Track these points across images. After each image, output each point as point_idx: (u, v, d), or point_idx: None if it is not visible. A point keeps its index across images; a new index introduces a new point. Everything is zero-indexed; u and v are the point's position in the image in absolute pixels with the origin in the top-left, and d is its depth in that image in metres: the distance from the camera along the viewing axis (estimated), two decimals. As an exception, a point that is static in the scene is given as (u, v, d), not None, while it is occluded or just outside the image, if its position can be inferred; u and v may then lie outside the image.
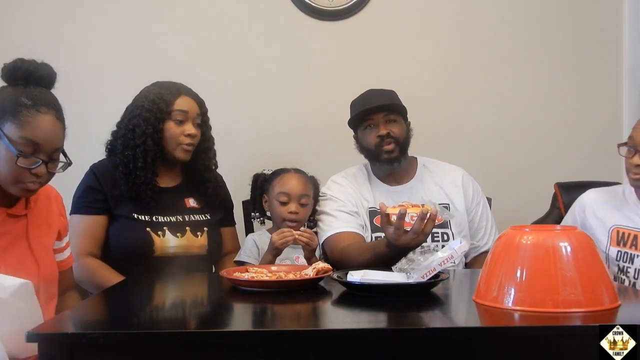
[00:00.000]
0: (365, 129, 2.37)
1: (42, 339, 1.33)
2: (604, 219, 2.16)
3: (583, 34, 3.09)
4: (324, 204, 2.40)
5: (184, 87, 2.31)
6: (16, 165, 1.61)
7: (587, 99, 3.03)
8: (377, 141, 2.33)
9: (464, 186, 2.43)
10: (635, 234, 2.09)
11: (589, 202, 2.22)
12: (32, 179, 1.64)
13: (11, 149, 1.60)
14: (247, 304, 1.72)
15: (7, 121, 1.62)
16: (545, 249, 1.50)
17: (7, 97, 1.65)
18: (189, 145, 2.26)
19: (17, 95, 1.64)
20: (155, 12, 2.97)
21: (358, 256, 2.14)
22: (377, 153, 2.35)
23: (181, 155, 2.26)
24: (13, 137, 1.61)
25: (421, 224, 1.91)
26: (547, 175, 2.84)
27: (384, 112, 2.33)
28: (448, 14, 3.06)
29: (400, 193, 2.39)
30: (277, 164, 2.55)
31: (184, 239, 2.23)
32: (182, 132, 2.24)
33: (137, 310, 1.66)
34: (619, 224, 2.13)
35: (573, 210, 2.27)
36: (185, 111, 2.25)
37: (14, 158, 1.61)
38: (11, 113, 1.62)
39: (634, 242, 2.08)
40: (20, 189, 1.65)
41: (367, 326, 1.50)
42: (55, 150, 1.68)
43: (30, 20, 2.92)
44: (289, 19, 2.99)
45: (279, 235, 2.11)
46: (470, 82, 3.07)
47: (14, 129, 1.61)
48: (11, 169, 1.62)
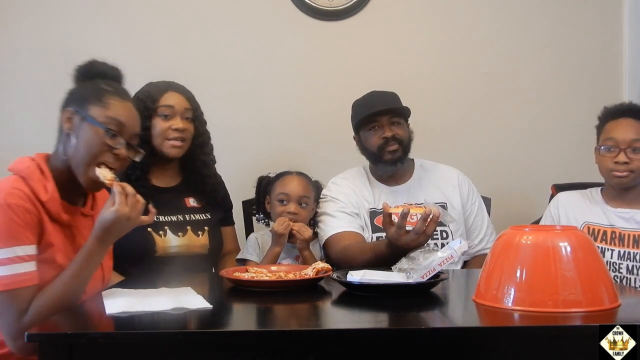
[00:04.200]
0: (370, 131, 2.38)
1: (42, 339, 1.34)
2: (577, 216, 2.31)
3: (583, 34, 3.09)
4: (324, 206, 2.41)
5: (173, 84, 2.30)
6: (101, 143, 1.65)
7: (587, 100, 3.03)
8: (381, 143, 2.36)
9: (459, 185, 2.47)
10: (604, 230, 2.26)
11: (563, 202, 2.37)
12: (111, 160, 1.66)
13: (99, 125, 1.64)
14: (247, 304, 1.72)
15: (91, 104, 1.67)
16: (545, 249, 1.50)
17: (88, 86, 1.72)
18: (177, 139, 2.23)
19: (98, 84, 1.72)
20: (156, 12, 2.97)
21: (359, 255, 2.16)
22: (380, 154, 2.37)
23: (170, 151, 2.24)
24: (99, 118, 1.66)
25: (423, 225, 1.92)
26: (546, 176, 2.84)
27: (389, 115, 2.36)
28: (448, 13, 3.06)
29: (400, 193, 2.41)
30: (277, 164, 2.55)
31: (185, 238, 2.23)
32: (169, 127, 2.22)
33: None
34: (589, 221, 2.29)
35: (549, 211, 2.39)
36: (171, 106, 2.23)
37: (100, 136, 1.65)
38: (95, 97, 1.68)
39: (603, 237, 2.24)
40: (90, 177, 1.65)
41: (367, 326, 1.50)
42: (135, 136, 1.74)
43: (30, 21, 2.92)
44: (289, 19, 2.99)
45: (279, 222, 2.26)
46: (469, 82, 3.07)
47: (99, 110, 1.67)
48: (94, 148, 1.65)
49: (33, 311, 1.55)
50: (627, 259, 2.20)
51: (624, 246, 2.21)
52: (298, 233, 2.26)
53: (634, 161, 2.19)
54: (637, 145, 2.19)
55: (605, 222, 2.26)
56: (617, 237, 2.22)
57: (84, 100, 1.68)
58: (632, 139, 2.19)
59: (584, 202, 2.33)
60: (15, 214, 1.54)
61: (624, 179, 2.21)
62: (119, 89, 1.74)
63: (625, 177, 2.21)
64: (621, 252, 2.21)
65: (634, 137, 2.19)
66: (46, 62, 2.91)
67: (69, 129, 1.68)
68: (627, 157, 2.19)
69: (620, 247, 2.21)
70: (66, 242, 1.69)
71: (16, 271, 1.54)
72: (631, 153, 2.19)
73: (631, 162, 2.19)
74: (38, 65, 2.92)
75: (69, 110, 1.69)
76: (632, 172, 2.20)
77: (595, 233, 2.25)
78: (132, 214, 1.58)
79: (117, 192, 1.58)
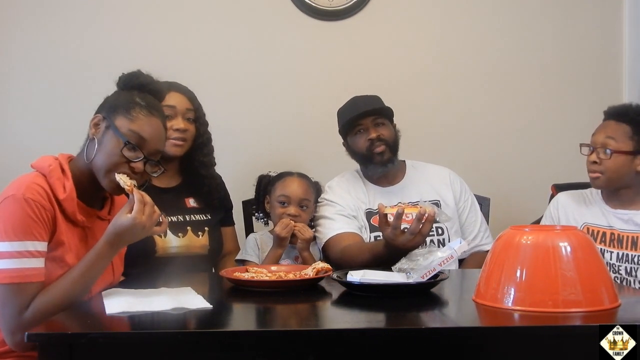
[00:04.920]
0: (356, 135, 2.42)
1: (42, 339, 1.34)
2: (576, 217, 2.30)
3: (583, 34, 3.08)
4: (322, 210, 2.43)
5: (174, 84, 2.30)
6: (119, 154, 1.66)
7: (587, 100, 3.03)
8: (368, 144, 2.39)
9: (451, 183, 2.50)
10: (603, 231, 2.24)
11: (562, 202, 2.36)
12: (128, 172, 1.68)
13: (120, 136, 1.67)
14: (247, 304, 1.72)
15: (119, 114, 1.70)
16: (545, 249, 1.50)
17: (122, 96, 1.75)
18: (178, 139, 2.25)
19: (132, 96, 1.74)
20: (155, 12, 2.96)
21: (357, 256, 2.17)
22: (369, 156, 2.40)
23: (171, 150, 2.25)
24: (122, 129, 1.68)
25: (418, 225, 1.92)
26: (546, 176, 2.84)
27: (372, 117, 2.40)
28: (447, 14, 3.06)
29: (393, 193, 2.44)
30: (277, 164, 2.55)
31: (186, 239, 2.24)
32: (170, 127, 2.22)
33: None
34: (588, 222, 2.28)
35: (549, 211, 2.39)
36: (172, 106, 2.24)
37: (120, 146, 1.66)
38: (125, 108, 1.70)
39: (602, 239, 2.23)
40: (111, 181, 1.67)
41: (367, 326, 1.50)
42: (157, 152, 1.74)
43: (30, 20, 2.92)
44: (289, 19, 2.99)
45: (281, 225, 2.24)
46: (469, 83, 3.07)
47: (125, 122, 1.69)
48: (113, 157, 1.67)
49: (34, 308, 1.55)
50: (626, 261, 2.19)
51: (622, 248, 2.20)
52: (299, 233, 2.27)
53: (603, 162, 2.18)
54: (609, 144, 2.17)
55: (604, 224, 2.25)
56: (615, 239, 2.22)
57: (114, 109, 1.71)
58: (603, 139, 2.19)
59: (583, 202, 2.32)
60: (31, 209, 1.56)
61: (597, 180, 2.22)
62: (151, 104, 1.74)
63: (597, 179, 2.22)
64: (620, 254, 2.20)
65: (606, 137, 2.19)
66: (45, 62, 2.91)
67: (94, 134, 1.71)
68: (597, 158, 2.19)
69: (619, 249, 2.21)
70: (79, 243, 1.70)
71: (24, 265, 1.55)
72: (602, 154, 2.18)
73: (600, 162, 2.19)
74: (37, 65, 2.91)
75: (98, 116, 1.72)
76: (603, 174, 2.19)
77: (594, 234, 2.25)
78: (147, 223, 1.60)
79: (136, 200, 1.59)
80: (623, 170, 2.18)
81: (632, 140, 2.17)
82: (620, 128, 2.19)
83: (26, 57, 2.92)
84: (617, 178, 2.20)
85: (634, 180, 2.21)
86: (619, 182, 2.21)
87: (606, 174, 2.19)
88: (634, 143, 2.17)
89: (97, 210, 1.77)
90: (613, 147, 2.17)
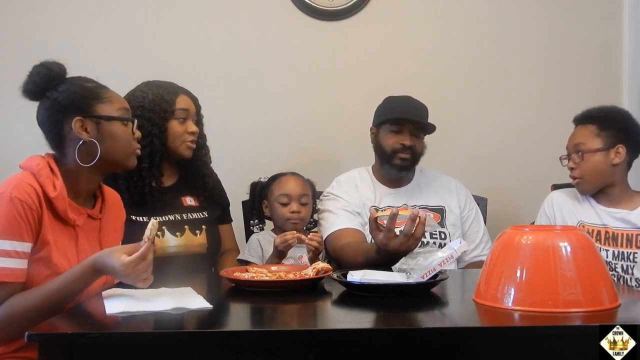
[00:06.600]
0: (391, 132, 2.43)
1: (42, 339, 1.34)
2: (572, 216, 2.33)
3: (583, 34, 3.08)
4: (327, 203, 2.44)
5: (178, 86, 2.32)
6: (129, 133, 1.73)
7: (586, 100, 3.02)
8: (398, 147, 2.41)
9: (457, 191, 2.54)
10: (598, 230, 2.27)
11: (557, 201, 2.38)
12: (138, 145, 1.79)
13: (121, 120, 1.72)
14: (247, 304, 1.72)
15: (94, 106, 1.71)
16: (545, 249, 1.50)
17: (72, 90, 1.71)
18: (193, 142, 2.29)
19: (80, 83, 1.73)
20: (155, 12, 2.97)
21: (354, 257, 2.19)
22: (392, 156, 2.42)
23: (186, 152, 2.28)
24: (113, 113, 1.71)
25: (412, 226, 1.92)
26: (546, 176, 2.84)
27: (415, 127, 2.42)
28: (447, 14, 3.06)
29: (399, 195, 2.47)
30: (276, 163, 2.56)
31: (183, 238, 2.23)
32: (185, 130, 2.26)
33: (137, 310, 1.66)
34: (583, 221, 2.30)
35: (544, 210, 2.40)
36: (186, 109, 2.27)
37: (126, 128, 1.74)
38: (93, 98, 1.71)
39: (597, 237, 2.25)
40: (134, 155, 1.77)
41: (367, 326, 1.50)
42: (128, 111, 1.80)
43: (29, 21, 2.92)
44: (289, 19, 2.99)
45: (281, 239, 2.12)
46: (469, 83, 3.07)
47: (107, 106, 1.72)
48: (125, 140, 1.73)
49: (7, 307, 1.54)
50: (622, 259, 2.21)
51: (617, 246, 2.22)
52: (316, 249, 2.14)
53: (579, 165, 2.24)
54: (581, 148, 2.24)
55: (598, 222, 2.27)
56: (610, 237, 2.23)
57: (84, 105, 1.69)
58: (574, 144, 2.27)
59: (577, 201, 2.34)
60: (16, 209, 1.56)
61: (579, 185, 2.28)
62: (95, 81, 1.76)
63: (579, 184, 2.27)
64: (615, 252, 2.22)
65: (576, 142, 2.26)
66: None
67: (87, 137, 1.69)
68: (574, 163, 2.25)
69: (614, 247, 2.23)
70: (68, 242, 1.69)
71: (3, 265, 1.54)
72: (577, 158, 2.25)
73: (577, 167, 2.25)
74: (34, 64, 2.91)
75: (77, 119, 1.68)
76: (582, 177, 2.24)
77: (590, 233, 2.26)
78: (132, 275, 1.54)
79: (138, 254, 1.54)
80: (600, 168, 2.23)
81: (599, 137, 2.24)
82: (587, 129, 2.27)
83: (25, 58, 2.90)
84: (596, 177, 2.24)
85: (615, 177, 2.25)
86: (600, 181, 2.25)
87: (585, 176, 2.24)
88: (602, 139, 2.23)
89: (88, 209, 1.76)
90: (583, 148, 2.24)
